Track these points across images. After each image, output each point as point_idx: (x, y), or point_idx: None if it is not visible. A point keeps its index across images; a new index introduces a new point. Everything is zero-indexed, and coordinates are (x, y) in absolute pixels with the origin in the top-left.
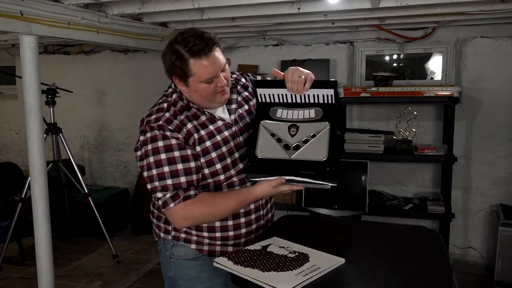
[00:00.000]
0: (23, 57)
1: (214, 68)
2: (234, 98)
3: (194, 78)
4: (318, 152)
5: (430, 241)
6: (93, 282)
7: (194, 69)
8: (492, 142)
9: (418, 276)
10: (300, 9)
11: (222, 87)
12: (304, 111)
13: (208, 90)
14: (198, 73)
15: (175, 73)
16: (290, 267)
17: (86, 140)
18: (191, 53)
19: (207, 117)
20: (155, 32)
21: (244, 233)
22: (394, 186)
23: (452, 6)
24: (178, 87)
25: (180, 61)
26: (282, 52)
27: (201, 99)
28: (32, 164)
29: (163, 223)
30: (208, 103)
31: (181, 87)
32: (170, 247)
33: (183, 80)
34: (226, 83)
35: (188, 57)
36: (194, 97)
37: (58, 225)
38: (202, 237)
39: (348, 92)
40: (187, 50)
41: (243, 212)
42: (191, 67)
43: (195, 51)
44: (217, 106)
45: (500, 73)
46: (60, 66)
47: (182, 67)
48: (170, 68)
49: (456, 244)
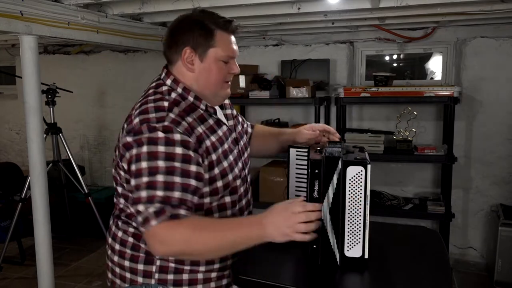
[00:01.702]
0: (23, 57)
1: (235, 49)
2: (227, 104)
3: (216, 50)
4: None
5: (430, 241)
6: (93, 282)
7: (219, 41)
8: (492, 142)
9: (418, 276)
10: (300, 9)
11: (231, 76)
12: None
13: (221, 73)
14: (221, 46)
15: (189, 42)
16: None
17: (86, 140)
18: (218, 25)
19: (214, 121)
20: (155, 32)
21: (229, 265)
22: (394, 186)
23: (452, 6)
24: (182, 63)
25: (204, 30)
26: (282, 52)
27: (210, 83)
28: (32, 164)
29: (142, 263)
30: (215, 90)
31: (187, 64)
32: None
33: (200, 52)
34: (237, 72)
35: (215, 27)
36: (202, 79)
37: (58, 225)
38: (196, 272)
39: (348, 92)
40: (213, 21)
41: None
42: (216, 37)
43: (222, 24)
44: (218, 101)
45: (500, 73)
46: (60, 66)
47: (205, 35)
48: (183, 36)
49: (456, 244)
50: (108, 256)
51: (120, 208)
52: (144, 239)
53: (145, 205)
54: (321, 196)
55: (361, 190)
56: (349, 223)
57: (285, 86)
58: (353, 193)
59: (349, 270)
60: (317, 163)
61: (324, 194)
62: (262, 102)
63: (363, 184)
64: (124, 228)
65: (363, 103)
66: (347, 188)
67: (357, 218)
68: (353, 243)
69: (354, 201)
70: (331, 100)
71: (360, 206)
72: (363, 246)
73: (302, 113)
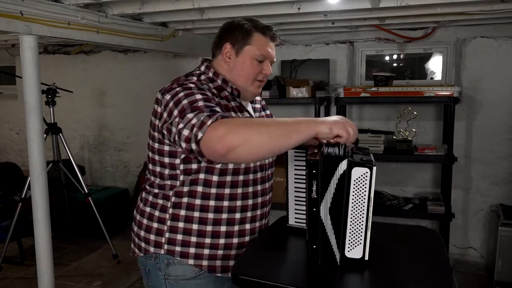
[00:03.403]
0: (23, 57)
1: (269, 51)
2: (259, 100)
3: (250, 48)
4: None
5: (430, 241)
6: (93, 282)
7: (255, 41)
8: (492, 142)
9: (418, 276)
10: (300, 9)
11: (264, 76)
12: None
13: (253, 69)
14: (256, 45)
15: (230, 39)
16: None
17: (86, 140)
18: (257, 28)
19: (236, 105)
20: (155, 32)
21: (247, 242)
22: (394, 186)
23: (452, 6)
24: (221, 57)
25: (244, 30)
26: (282, 52)
27: (240, 76)
28: (32, 164)
29: (154, 234)
30: (245, 83)
31: (226, 57)
32: (164, 265)
33: (237, 47)
34: (269, 73)
35: (254, 29)
36: (235, 72)
37: (58, 225)
38: (202, 247)
39: (348, 92)
40: (254, 25)
41: (249, 217)
42: (253, 38)
43: (261, 27)
44: (249, 96)
45: (500, 73)
46: (60, 66)
47: (244, 34)
48: (227, 34)
49: (456, 244)
50: (132, 227)
51: (147, 178)
52: (205, 152)
53: (196, 116)
54: (319, 196)
55: (365, 191)
56: (352, 224)
57: (285, 86)
58: (357, 194)
59: (349, 270)
60: (314, 163)
61: (323, 194)
62: None
63: (367, 186)
64: (145, 198)
65: (363, 103)
66: (351, 189)
67: (359, 219)
68: (354, 244)
69: (357, 202)
70: (331, 100)
71: (363, 207)
72: (364, 247)
73: (302, 113)
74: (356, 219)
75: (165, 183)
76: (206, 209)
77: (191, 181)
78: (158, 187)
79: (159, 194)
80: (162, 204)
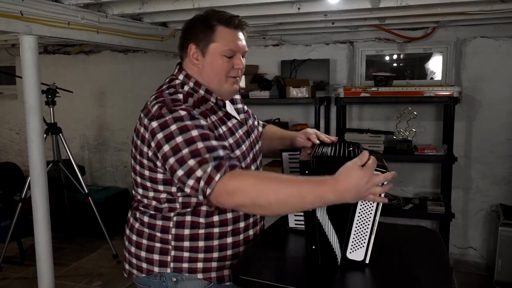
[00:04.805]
0: (23, 57)
1: (238, 44)
2: (239, 99)
3: (216, 45)
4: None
5: (430, 241)
6: (93, 282)
7: (219, 36)
8: (492, 142)
9: (418, 276)
10: (300, 9)
11: (237, 72)
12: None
13: (223, 67)
14: (222, 41)
15: (194, 38)
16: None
17: (86, 140)
18: (220, 21)
19: (223, 113)
20: (155, 32)
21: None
22: (394, 186)
23: (452, 6)
24: (189, 59)
25: (206, 26)
26: (282, 52)
27: (212, 78)
28: (32, 164)
29: (158, 254)
30: (218, 84)
31: (193, 59)
32: (173, 283)
33: (202, 47)
34: (242, 67)
35: (217, 23)
36: (205, 74)
37: (58, 225)
38: (210, 261)
39: (348, 92)
40: (216, 18)
41: (251, 222)
42: (217, 33)
43: (224, 20)
44: (226, 96)
45: (500, 73)
46: (60, 66)
47: (206, 31)
48: (189, 33)
49: (456, 244)
50: (126, 248)
51: (137, 199)
52: (213, 203)
53: (201, 168)
54: None
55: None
56: (357, 226)
57: (285, 86)
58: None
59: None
60: (307, 164)
61: None
62: (262, 102)
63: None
64: (141, 218)
65: (363, 103)
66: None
67: (366, 222)
68: (357, 246)
69: (366, 205)
70: (331, 100)
71: (371, 211)
72: (366, 250)
73: (302, 113)
74: (363, 222)
75: (162, 206)
76: (211, 225)
77: (192, 202)
78: (155, 209)
79: (157, 215)
80: (162, 225)
